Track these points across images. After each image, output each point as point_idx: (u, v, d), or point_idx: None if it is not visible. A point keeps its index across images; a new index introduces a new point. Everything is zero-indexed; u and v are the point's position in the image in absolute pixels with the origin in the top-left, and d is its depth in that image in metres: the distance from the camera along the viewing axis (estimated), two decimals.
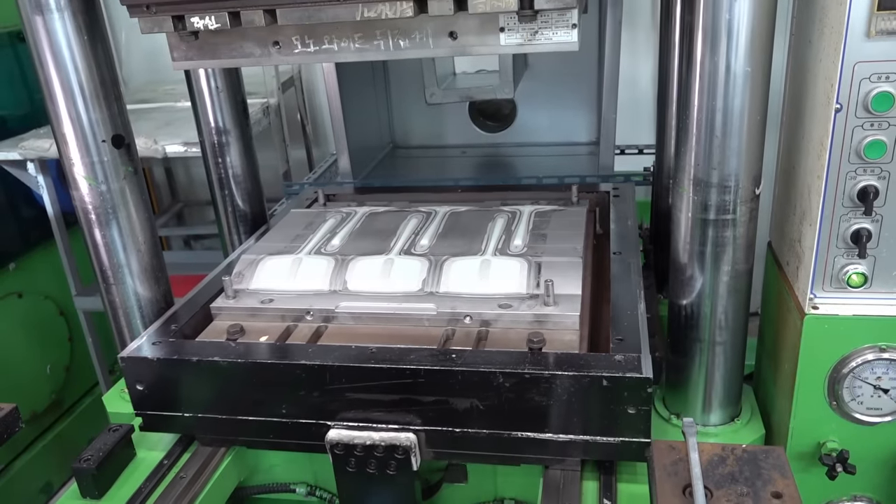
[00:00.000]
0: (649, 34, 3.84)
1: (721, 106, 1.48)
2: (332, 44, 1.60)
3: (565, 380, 1.47)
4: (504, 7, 1.41)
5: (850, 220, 1.54)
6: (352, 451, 1.57)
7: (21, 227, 3.64)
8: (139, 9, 1.50)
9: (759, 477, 1.31)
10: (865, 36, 1.39)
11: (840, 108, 1.46)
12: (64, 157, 1.77)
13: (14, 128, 3.49)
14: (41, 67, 1.68)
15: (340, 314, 1.81)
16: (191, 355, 1.65)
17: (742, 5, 1.40)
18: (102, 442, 1.69)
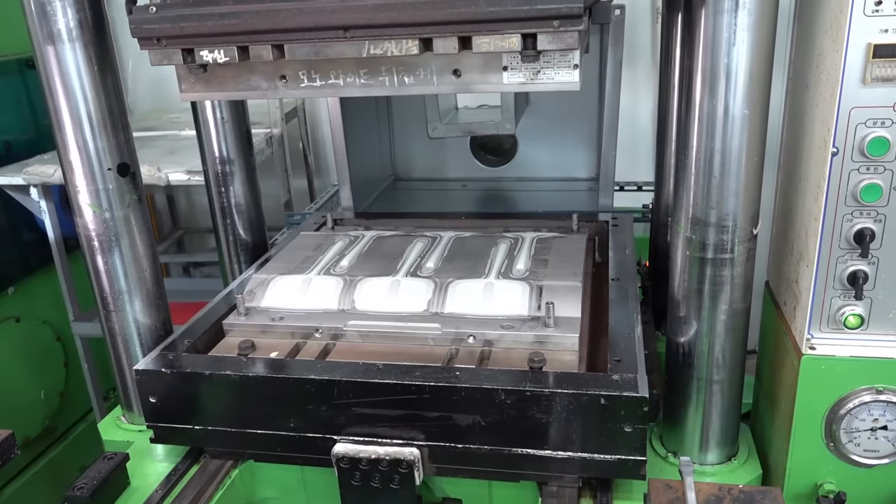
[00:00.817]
0: (649, 73, 3.90)
1: (719, 147, 1.50)
2: (338, 79, 1.63)
3: (564, 398, 1.52)
4: (507, 47, 1.44)
5: (847, 261, 1.56)
6: (357, 464, 1.61)
7: (21, 252, 3.65)
8: (150, 41, 1.53)
9: None
10: (861, 82, 1.42)
11: (836, 151, 1.48)
12: (69, 185, 1.79)
13: (19, 153, 3.52)
14: (51, 96, 1.70)
15: (348, 332, 1.87)
16: (203, 369, 1.70)
17: (740, 50, 1.43)
18: (97, 470, 1.69)
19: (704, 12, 1.43)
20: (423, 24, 1.43)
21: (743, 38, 1.42)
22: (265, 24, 1.47)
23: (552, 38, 1.42)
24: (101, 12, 1.72)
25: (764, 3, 1.40)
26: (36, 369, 3.70)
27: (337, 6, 1.44)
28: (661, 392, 1.82)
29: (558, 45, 1.43)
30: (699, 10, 1.44)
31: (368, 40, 1.49)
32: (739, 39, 1.42)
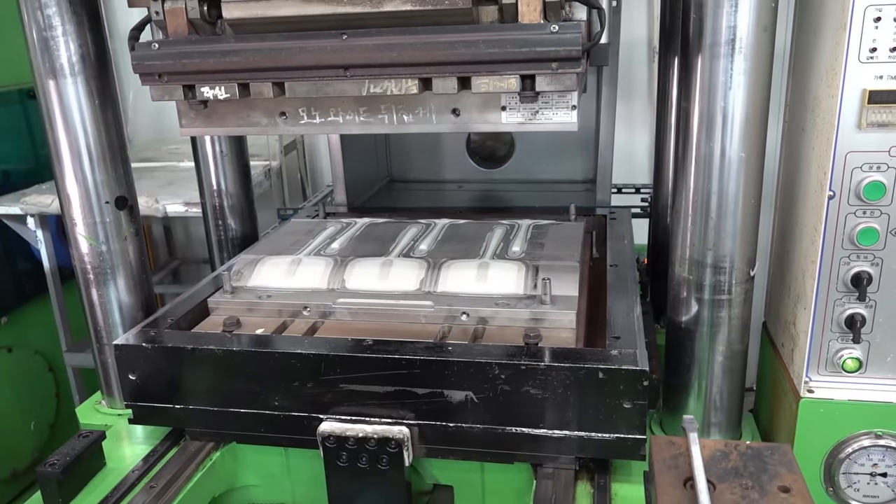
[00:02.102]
0: (646, 108, 3.94)
1: (716, 189, 1.51)
2: (338, 116, 1.64)
3: (561, 372, 1.46)
4: (506, 88, 1.45)
5: (845, 304, 1.56)
6: (344, 444, 1.55)
7: (16, 281, 3.63)
8: (151, 77, 1.54)
9: (765, 472, 1.23)
10: (857, 127, 1.44)
11: (833, 195, 1.49)
12: (67, 217, 1.79)
13: (17, 182, 3.53)
14: (51, 129, 1.71)
15: (338, 310, 1.81)
16: (185, 344, 1.64)
17: (737, 94, 1.44)
18: (70, 447, 1.60)
19: (701, 57, 1.45)
20: (422, 65, 1.45)
21: (739, 82, 1.43)
22: (266, 61, 1.48)
23: (551, 80, 1.44)
24: (104, 47, 1.73)
25: (760, 49, 1.42)
26: (27, 400, 3.66)
27: (338, 45, 1.46)
28: (660, 378, 1.79)
29: (557, 86, 1.45)
30: (696, 55, 1.46)
31: (368, 79, 1.50)
32: (736, 84, 1.43)
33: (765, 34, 1.41)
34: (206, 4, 1.53)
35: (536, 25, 1.41)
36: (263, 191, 3.57)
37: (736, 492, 1.17)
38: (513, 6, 1.42)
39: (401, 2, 1.43)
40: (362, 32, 1.45)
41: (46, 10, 1.61)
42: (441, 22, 1.45)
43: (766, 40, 1.42)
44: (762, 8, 1.39)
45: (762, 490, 1.17)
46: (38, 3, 1.61)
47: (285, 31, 1.50)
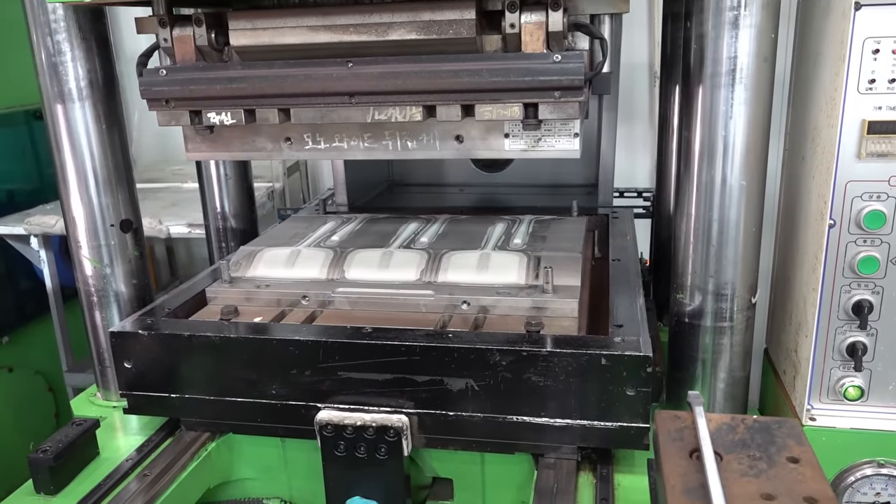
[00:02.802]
0: (647, 132, 3.96)
1: (717, 217, 1.52)
2: (342, 142, 1.65)
3: (563, 358, 1.44)
4: (509, 116, 1.47)
5: (846, 332, 1.56)
6: (341, 432, 1.52)
7: (18, 301, 3.64)
8: (158, 103, 1.56)
9: (773, 444, 1.19)
10: (856, 157, 1.45)
11: (833, 223, 1.50)
12: (71, 240, 1.80)
13: (21, 202, 3.54)
14: (57, 152, 1.73)
15: (337, 299, 1.80)
16: (182, 331, 1.62)
17: (737, 123, 1.46)
18: (64, 434, 1.58)
19: (702, 87, 1.47)
20: (427, 92, 1.46)
21: (740, 111, 1.45)
22: (273, 88, 1.50)
23: (553, 108, 1.45)
24: (112, 72, 1.75)
25: (760, 79, 1.44)
26: (26, 420, 3.64)
27: (344, 73, 1.48)
28: (663, 371, 1.77)
29: (559, 114, 1.46)
30: (696, 84, 1.47)
31: (373, 106, 1.52)
32: (736, 113, 1.45)
33: (765, 65, 1.43)
34: (214, 32, 1.55)
35: (539, 55, 1.43)
36: (266, 212, 3.58)
37: (743, 462, 1.14)
38: (516, 36, 1.44)
39: (406, 31, 1.46)
40: (368, 60, 1.47)
41: (56, 35, 1.64)
42: (445, 50, 1.47)
43: (766, 71, 1.44)
44: (762, 39, 1.41)
45: (770, 461, 1.14)
46: (47, 29, 1.63)
47: (292, 58, 1.52)
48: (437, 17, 1.44)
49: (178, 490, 1.58)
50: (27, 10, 1.64)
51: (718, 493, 1.01)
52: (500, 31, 1.45)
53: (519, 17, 1.42)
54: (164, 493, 1.53)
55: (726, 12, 1.41)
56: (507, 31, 1.43)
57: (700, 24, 1.44)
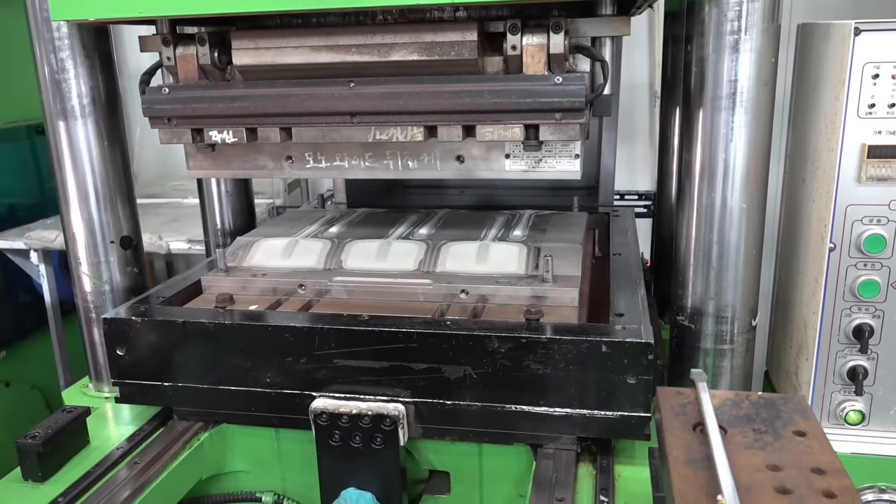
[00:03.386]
0: (647, 150, 3.98)
1: (717, 239, 1.52)
2: (343, 161, 1.66)
3: (563, 345, 1.42)
4: (510, 137, 1.47)
5: (847, 356, 1.55)
6: (337, 421, 1.50)
7: (17, 315, 3.63)
8: (161, 121, 1.57)
9: (779, 418, 1.15)
10: (856, 181, 1.45)
11: (834, 247, 1.50)
12: (71, 256, 1.80)
13: (22, 216, 3.54)
14: (59, 169, 1.73)
15: (334, 287, 1.78)
16: (176, 317, 1.60)
17: (737, 146, 1.46)
18: (54, 421, 1.55)
19: (702, 109, 1.47)
20: (428, 113, 1.47)
21: (740, 134, 1.45)
22: (274, 107, 1.51)
23: (554, 130, 1.46)
24: (115, 89, 1.76)
25: (760, 102, 1.45)
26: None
27: (346, 93, 1.48)
28: (665, 364, 1.75)
29: (560, 136, 1.47)
30: (697, 107, 1.48)
31: (375, 126, 1.52)
32: (737, 136, 1.45)
33: (765, 88, 1.44)
34: (217, 51, 1.56)
35: (541, 77, 1.43)
36: None
37: (748, 435, 1.10)
38: (517, 57, 1.45)
39: (408, 52, 1.46)
40: (370, 80, 1.48)
41: (60, 53, 1.64)
42: (447, 71, 1.47)
43: (766, 94, 1.44)
44: (762, 63, 1.42)
45: (776, 434, 1.10)
46: (51, 46, 1.64)
47: (294, 77, 1.52)
48: (440, 38, 1.45)
49: (169, 479, 1.55)
50: (31, 26, 1.65)
51: (723, 463, 0.97)
52: (502, 52, 1.46)
53: (520, 39, 1.43)
54: (154, 481, 1.51)
55: (726, 36, 1.42)
56: (509, 53, 1.44)
57: (701, 48, 1.45)
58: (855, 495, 0.94)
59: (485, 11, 1.50)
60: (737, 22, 1.40)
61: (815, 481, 0.96)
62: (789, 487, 0.95)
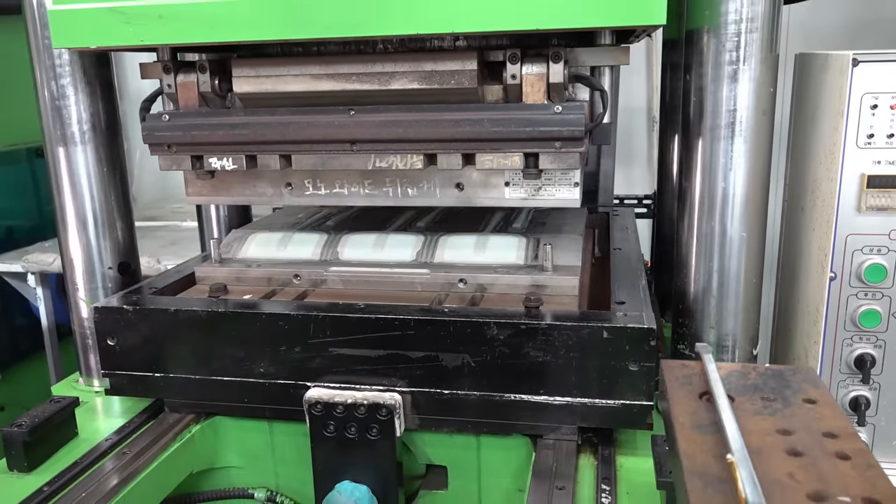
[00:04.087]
0: (645, 172, 3.99)
1: (717, 268, 1.51)
2: (343, 188, 1.66)
3: (563, 332, 1.38)
4: (510, 165, 1.47)
5: (849, 386, 1.54)
6: (331, 411, 1.46)
7: (13, 338, 3.61)
8: (161, 148, 1.57)
9: (788, 388, 1.11)
10: (856, 210, 1.45)
11: (834, 276, 1.50)
12: (68, 281, 1.79)
13: (19, 238, 3.54)
14: (58, 195, 1.73)
15: (330, 278, 1.76)
16: (167, 306, 1.57)
17: (737, 175, 1.46)
18: (41, 410, 1.50)
19: (702, 139, 1.47)
20: (428, 141, 1.47)
21: (739, 163, 1.45)
22: (274, 135, 1.51)
23: (554, 158, 1.46)
24: (115, 115, 1.76)
25: (759, 131, 1.45)
26: None
27: (346, 121, 1.48)
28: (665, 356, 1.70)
29: (560, 164, 1.47)
30: (696, 136, 1.48)
31: (375, 154, 1.52)
32: (736, 165, 1.46)
33: (764, 118, 1.44)
34: (217, 78, 1.57)
35: (540, 106, 1.44)
36: None
37: (756, 403, 1.06)
38: (517, 86, 1.45)
39: (408, 80, 1.47)
40: (370, 109, 1.48)
41: (61, 80, 1.65)
42: (447, 100, 1.48)
43: (765, 124, 1.45)
44: (761, 93, 1.42)
45: (786, 402, 1.06)
46: (52, 73, 1.65)
47: (294, 105, 1.53)
48: (440, 67, 1.45)
49: (158, 471, 1.52)
50: (32, 53, 1.66)
51: (732, 424, 0.94)
52: (502, 81, 1.46)
53: (520, 68, 1.44)
54: (142, 472, 1.47)
55: (725, 66, 1.43)
56: (509, 82, 1.45)
57: (700, 77, 1.45)
58: (870, 457, 0.90)
59: (485, 41, 1.51)
60: (735, 52, 1.41)
61: (828, 444, 0.92)
62: (801, 450, 0.92)
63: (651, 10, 1.20)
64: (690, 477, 0.88)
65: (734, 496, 0.83)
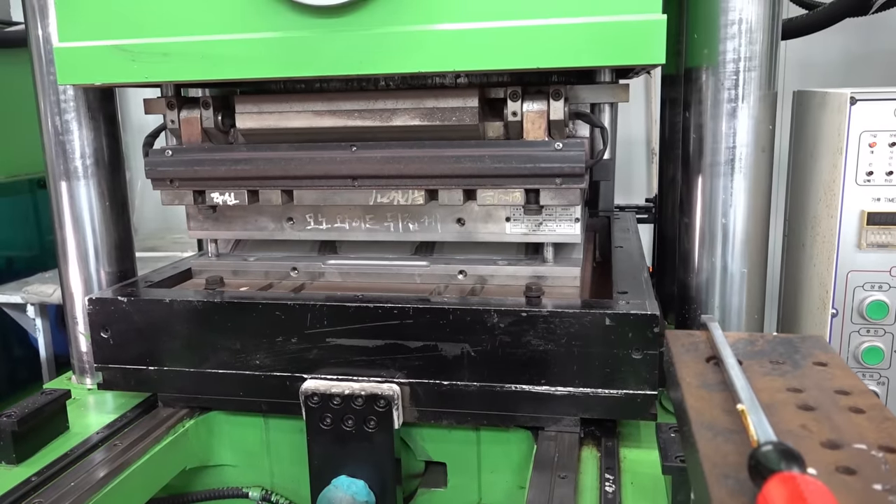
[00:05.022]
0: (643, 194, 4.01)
1: (718, 304, 1.51)
2: (344, 223, 1.66)
3: (565, 319, 1.35)
4: (511, 201, 1.48)
5: None
6: (328, 402, 1.42)
7: (10, 369, 3.59)
8: (163, 183, 1.58)
9: (797, 352, 1.08)
10: (857, 247, 1.45)
11: (836, 313, 1.49)
12: (68, 315, 1.78)
13: (20, 269, 3.53)
14: (59, 228, 1.73)
15: (327, 270, 1.73)
16: (162, 297, 1.54)
17: (737, 211, 1.47)
18: (32, 402, 1.46)
19: (702, 175, 1.48)
20: (429, 177, 1.48)
21: (739, 199, 1.46)
22: (277, 170, 1.52)
23: (555, 194, 1.47)
24: (118, 149, 1.77)
25: (759, 168, 1.46)
26: None
27: (347, 156, 1.49)
28: None
29: (560, 200, 1.48)
30: (696, 173, 1.49)
31: (376, 189, 1.53)
32: (736, 201, 1.46)
33: (763, 155, 1.45)
34: (221, 114, 1.58)
35: (541, 142, 1.45)
36: None
37: (765, 366, 1.03)
38: (518, 123, 1.46)
39: (409, 117, 1.48)
40: (371, 145, 1.50)
41: (65, 115, 1.66)
42: (448, 136, 1.49)
43: (764, 160, 1.46)
44: (760, 130, 1.44)
45: (795, 364, 1.02)
46: (57, 109, 1.66)
47: (296, 141, 1.54)
48: (441, 104, 1.46)
49: (150, 464, 1.47)
50: (38, 88, 1.67)
51: (740, 377, 0.91)
52: (503, 118, 1.48)
53: (521, 105, 1.45)
54: (133, 464, 1.43)
55: (724, 104, 1.44)
56: (510, 119, 1.46)
57: (699, 115, 1.47)
58: (886, 410, 0.88)
59: (485, 78, 1.53)
60: (734, 90, 1.42)
61: (841, 400, 0.90)
62: (813, 405, 0.89)
63: (650, 50, 1.22)
64: (699, 429, 0.86)
65: (745, 446, 0.80)
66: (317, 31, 1.29)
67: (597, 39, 1.22)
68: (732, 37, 1.40)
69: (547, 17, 1.22)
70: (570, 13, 1.22)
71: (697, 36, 1.44)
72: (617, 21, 1.21)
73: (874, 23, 2.85)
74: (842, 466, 0.76)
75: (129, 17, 1.37)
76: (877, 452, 0.78)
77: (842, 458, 0.77)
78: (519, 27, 1.23)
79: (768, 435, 0.76)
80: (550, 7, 1.22)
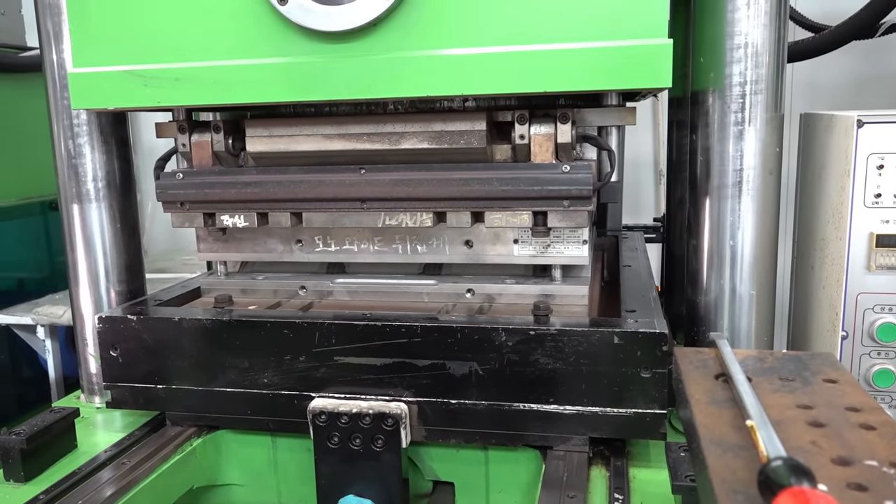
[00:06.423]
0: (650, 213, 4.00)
1: (727, 326, 1.50)
2: (353, 245, 1.67)
3: (573, 338, 1.35)
4: (519, 223, 1.48)
5: None
6: (336, 421, 1.42)
7: (19, 391, 3.59)
8: (174, 205, 1.59)
9: (807, 370, 1.08)
10: (866, 269, 1.45)
11: (846, 335, 1.48)
12: (78, 336, 1.79)
13: (30, 290, 3.56)
14: (71, 251, 1.74)
15: (336, 289, 1.74)
16: (171, 315, 1.55)
17: (745, 233, 1.47)
18: (41, 419, 1.47)
19: (709, 198, 1.48)
20: (437, 200, 1.49)
21: (747, 222, 1.46)
22: (286, 193, 1.53)
23: (563, 217, 1.48)
24: (130, 172, 1.79)
25: (766, 190, 1.46)
26: None
27: (356, 179, 1.51)
28: None
29: (568, 223, 1.48)
30: (704, 195, 1.49)
31: (385, 212, 1.54)
32: (744, 223, 1.46)
33: (771, 177, 1.45)
34: (231, 138, 1.60)
35: (549, 165, 1.46)
36: None
37: (775, 383, 1.03)
38: (526, 146, 1.47)
39: (418, 140, 1.49)
40: (380, 168, 1.51)
41: (78, 139, 1.68)
42: (456, 159, 1.50)
43: (772, 183, 1.46)
44: (767, 153, 1.44)
45: (805, 381, 1.02)
46: (70, 133, 1.68)
47: (306, 164, 1.55)
48: (449, 127, 1.48)
49: (157, 482, 1.48)
50: (51, 112, 1.70)
51: (750, 394, 0.90)
52: (510, 141, 1.49)
53: (528, 128, 1.46)
54: (140, 483, 1.43)
55: (731, 126, 1.45)
56: (517, 142, 1.47)
57: (706, 138, 1.47)
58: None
59: (493, 101, 1.54)
60: (741, 113, 1.43)
61: (851, 417, 0.90)
62: (823, 422, 0.89)
63: (657, 74, 1.22)
64: (708, 445, 0.86)
65: (754, 462, 0.79)
66: (327, 57, 1.31)
67: (604, 64, 1.23)
68: (738, 60, 1.41)
69: (555, 42, 1.24)
70: (577, 38, 1.23)
71: (704, 59, 1.45)
72: (624, 46, 1.22)
73: (882, 45, 2.86)
74: (853, 483, 0.75)
75: (142, 43, 1.40)
76: (888, 469, 0.77)
77: (853, 475, 0.77)
78: (527, 52, 1.25)
79: (778, 451, 0.76)
80: (558, 32, 1.24)
